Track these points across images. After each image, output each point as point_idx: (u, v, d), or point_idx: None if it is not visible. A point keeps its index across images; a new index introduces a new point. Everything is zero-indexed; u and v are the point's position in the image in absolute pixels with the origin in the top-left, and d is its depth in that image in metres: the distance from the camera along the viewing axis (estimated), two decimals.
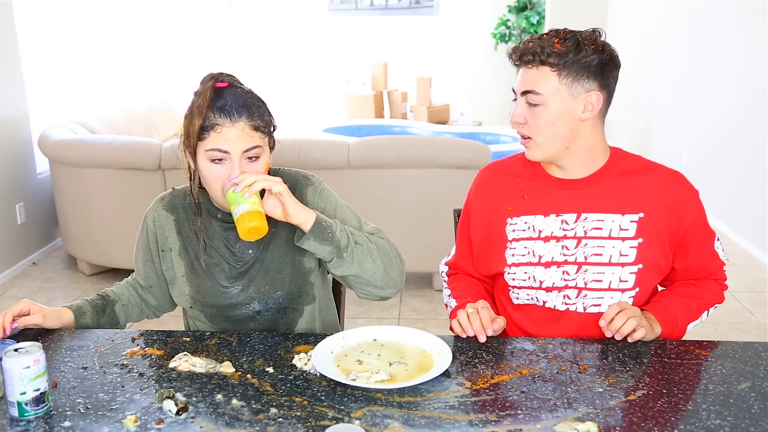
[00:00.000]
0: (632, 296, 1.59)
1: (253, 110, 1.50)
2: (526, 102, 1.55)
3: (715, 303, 1.67)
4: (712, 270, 1.67)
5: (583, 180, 1.61)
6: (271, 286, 1.64)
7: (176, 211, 1.68)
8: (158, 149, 3.79)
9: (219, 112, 1.48)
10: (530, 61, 1.52)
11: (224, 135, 1.48)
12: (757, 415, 1.23)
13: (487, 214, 1.70)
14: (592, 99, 1.53)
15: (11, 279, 4.25)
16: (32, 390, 1.23)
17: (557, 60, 1.49)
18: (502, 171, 1.72)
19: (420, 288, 4.00)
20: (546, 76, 1.51)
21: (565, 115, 1.53)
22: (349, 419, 1.22)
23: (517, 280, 1.65)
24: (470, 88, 8.80)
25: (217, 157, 1.49)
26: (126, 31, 6.15)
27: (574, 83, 1.51)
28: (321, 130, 6.80)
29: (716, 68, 5.17)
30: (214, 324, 1.69)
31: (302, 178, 1.68)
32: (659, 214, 1.57)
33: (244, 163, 1.50)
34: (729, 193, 4.89)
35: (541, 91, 1.52)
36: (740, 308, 3.72)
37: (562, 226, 1.60)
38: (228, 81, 1.54)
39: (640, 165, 1.63)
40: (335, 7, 8.91)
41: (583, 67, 1.50)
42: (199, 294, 1.65)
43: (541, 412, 1.25)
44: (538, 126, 1.54)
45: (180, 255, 1.66)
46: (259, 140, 1.51)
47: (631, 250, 1.57)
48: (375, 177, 3.79)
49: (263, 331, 1.65)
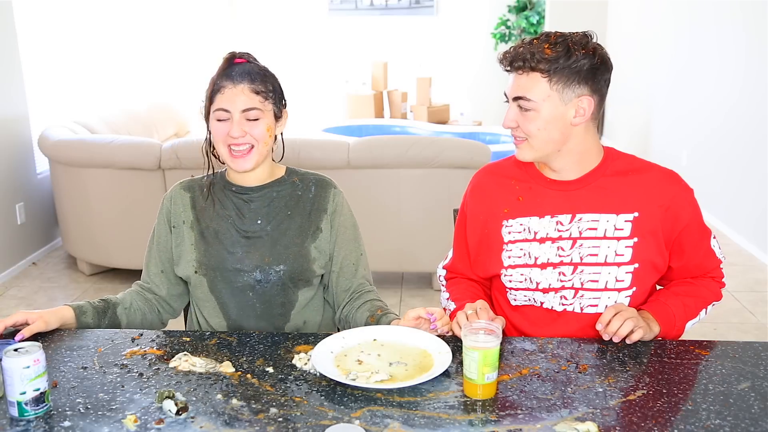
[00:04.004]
0: (629, 296, 1.59)
1: (255, 77, 1.66)
2: (517, 107, 1.55)
3: (713, 301, 1.67)
4: (709, 268, 1.67)
5: (577, 181, 1.61)
6: (274, 258, 1.70)
7: (193, 190, 1.79)
8: (158, 149, 3.79)
9: (226, 78, 1.66)
10: (521, 67, 1.52)
11: (227, 96, 1.64)
12: (757, 415, 1.23)
13: (482, 217, 1.70)
14: (584, 104, 1.53)
15: (11, 279, 4.25)
16: (32, 390, 1.23)
17: (547, 66, 1.49)
18: (496, 173, 1.72)
19: (420, 288, 4.00)
20: (536, 82, 1.51)
21: (556, 120, 1.53)
22: (349, 419, 1.23)
23: (514, 281, 1.65)
24: (470, 88, 8.80)
25: (221, 117, 1.65)
26: (126, 31, 6.15)
27: (565, 89, 1.51)
28: (321, 130, 6.80)
29: (716, 68, 5.17)
30: (214, 293, 1.73)
31: (328, 179, 1.80)
32: (654, 213, 1.57)
33: (243, 123, 1.64)
34: (729, 193, 4.89)
35: (532, 97, 1.52)
36: (740, 308, 3.72)
37: (557, 227, 1.60)
38: (245, 58, 1.71)
39: (634, 165, 1.63)
40: (335, 7, 8.91)
41: (573, 73, 1.50)
42: (206, 258, 1.72)
43: (541, 412, 1.25)
44: (529, 130, 1.55)
45: (191, 227, 1.75)
46: (258, 103, 1.65)
47: (627, 250, 1.57)
48: (375, 177, 3.79)
49: (262, 331, 1.65)
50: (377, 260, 1.87)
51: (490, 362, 1.29)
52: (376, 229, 3.72)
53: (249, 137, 1.65)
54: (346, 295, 1.76)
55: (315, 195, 1.76)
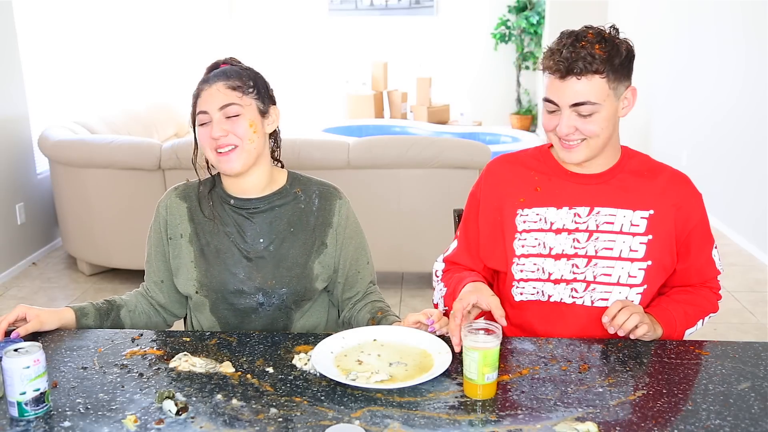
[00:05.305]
0: (640, 293, 1.60)
1: (231, 74, 1.61)
2: (576, 113, 1.54)
3: (711, 312, 1.68)
4: (708, 277, 1.68)
5: (599, 175, 1.63)
6: (278, 281, 1.65)
7: (189, 199, 1.72)
8: (158, 149, 3.79)
9: (203, 82, 1.62)
10: (581, 72, 1.50)
11: (204, 98, 1.60)
12: (757, 415, 1.23)
13: (496, 203, 1.69)
14: (628, 95, 1.57)
15: (11, 279, 4.25)
16: (32, 390, 1.23)
17: (604, 66, 1.50)
18: (514, 162, 1.72)
19: (420, 288, 4.00)
20: (596, 84, 1.51)
21: (613, 116, 1.56)
22: (349, 419, 1.22)
23: (525, 271, 1.65)
24: (470, 88, 8.80)
25: (202, 120, 1.61)
26: (126, 31, 6.15)
27: (618, 85, 1.54)
28: (321, 130, 6.80)
29: (716, 68, 5.16)
30: (215, 314, 1.69)
31: (333, 189, 1.73)
32: (667, 212, 1.60)
33: (223, 122, 1.58)
34: (729, 193, 4.89)
35: (596, 100, 1.52)
36: (740, 308, 3.72)
37: (575, 219, 1.62)
38: (228, 62, 1.67)
39: (649, 164, 1.66)
40: (335, 7, 8.91)
41: (624, 67, 1.53)
42: (207, 278, 1.66)
43: (541, 412, 1.25)
44: (592, 131, 1.54)
45: (190, 241, 1.68)
46: (236, 98, 1.59)
47: (641, 246, 1.59)
48: (375, 177, 3.79)
49: (263, 331, 1.65)
50: (377, 260, 1.86)
51: (490, 362, 1.29)
52: (376, 230, 3.72)
53: (232, 137, 1.58)
54: (349, 301, 1.75)
55: (319, 208, 1.69)
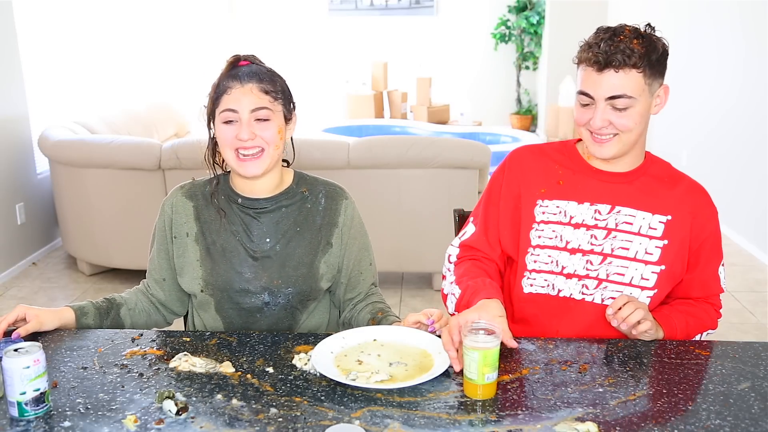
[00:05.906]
0: (650, 296, 1.60)
1: (263, 76, 1.61)
2: (611, 107, 1.54)
3: (710, 328, 1.68)
4: (711, 292, 1.68)
5: (623, 174, 1.64)
6: (284, 280, 1.66)
7: (196, 198, 1.71)
8: (158, 149, 3.79)
9: (232, 79, 1.60)
10: (620, 65, 1.50)
11: (234, 96, 1.58)
12: (757, 415, 1.23)
13: (518, 191, 1.69)
14: (661, 92, 1.58)
15: (11, 279, 4.25)
16: (32, 390, 1.23)
17: (642, 61, 1.51)
18: (540, 153, 1.72)
19: (420, 288, 4.00)
20: (633, 78, 1.52)
21: (646, 112, 1.56)
22: (349, 419, 1.22)
23: (539, 262, 1.64)
24: (470, 88, 8.80)
25: (228, 118, 1.58)
26: (126, 31, 6.15)
27: (653, 81, 1.54)
28: (321, 130, 6.81)
29: (716, 68, 5.17)
30: (220, 313, 1.69)
31: (339, 189, 1.74)
32: (685, 220, 1.61)
33: (252, 125, 1.57)
34: (729, 193, 4.89)
35: (632, 94, 1.52)
36: (740, 308, 3.72)
37: (595, 215, 1.62)
38: (250, 60, 1.65)
39: (670, 171, 1.67)
40: (335, 7, 8.91)
41: (660, 64, 1.54)
42: (212, 277, 1.66)
43: (541, 412, 1.25)
44: (625, 126, 1.55)
45: (196, 240, 1.68)
46: (268, 103, 1.59)
47: (656, 250, 1.59)
48: (375, 177, 3.79)
49: (264, 331, 1.65)
50: (377, 260, 1.86)
51: (490, 362, 1.29)
52: (376, 229, 3.70)
53: (259, 140, 1.58)
54: (351, 302, 1.75)
55: (325, 207, 1.70)
